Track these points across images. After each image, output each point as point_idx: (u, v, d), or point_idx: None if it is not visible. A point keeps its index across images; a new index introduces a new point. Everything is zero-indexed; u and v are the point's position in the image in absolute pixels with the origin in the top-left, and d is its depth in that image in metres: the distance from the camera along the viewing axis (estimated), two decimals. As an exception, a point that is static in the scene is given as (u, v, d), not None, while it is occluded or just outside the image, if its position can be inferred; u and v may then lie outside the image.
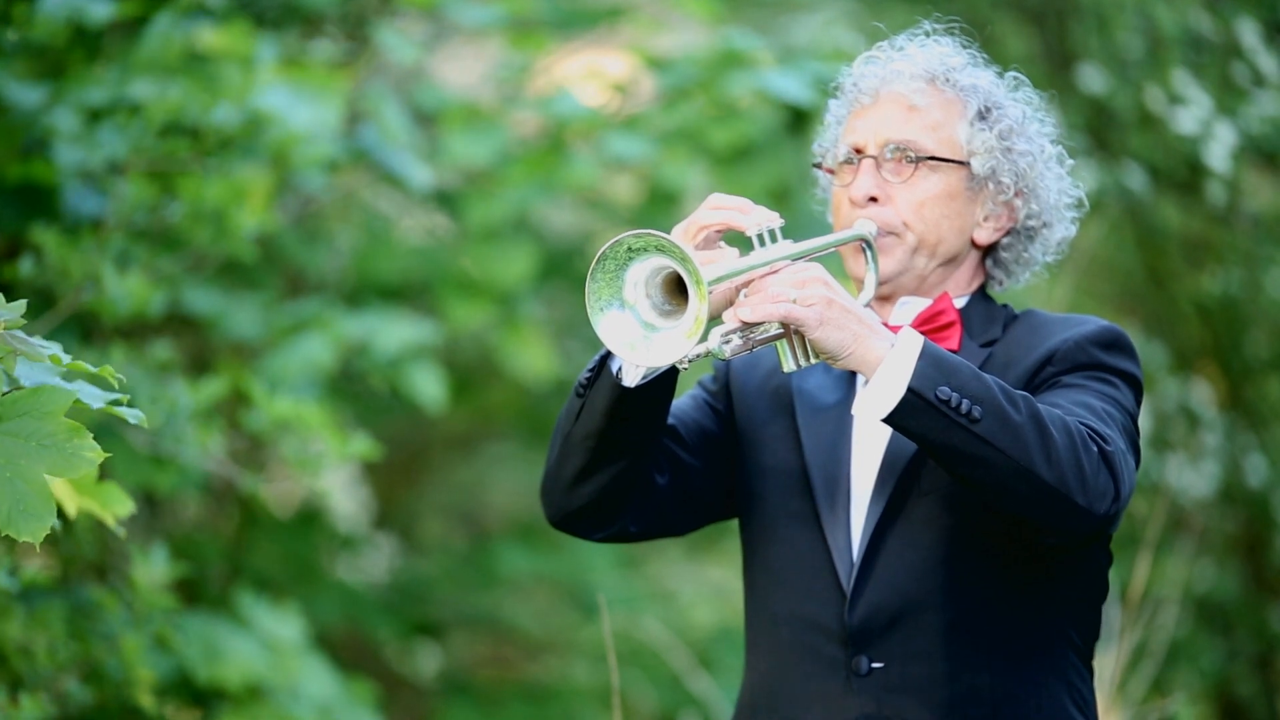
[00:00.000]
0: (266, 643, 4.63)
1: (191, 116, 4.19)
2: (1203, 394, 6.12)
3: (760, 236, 2.60)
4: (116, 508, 2.97)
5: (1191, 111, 5.29)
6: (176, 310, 4.84)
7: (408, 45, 5.03)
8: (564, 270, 5.95)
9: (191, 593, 5.15)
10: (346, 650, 6.34)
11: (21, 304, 2.41)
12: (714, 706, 5.18)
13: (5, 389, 2.38)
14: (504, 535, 6.58)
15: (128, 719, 4.35)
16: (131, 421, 2.41)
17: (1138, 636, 4.85)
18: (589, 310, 2.49)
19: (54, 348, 2.42)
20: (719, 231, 2.65)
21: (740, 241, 2.65)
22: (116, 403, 2.46)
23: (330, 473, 4.60)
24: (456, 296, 5.24)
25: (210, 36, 4.34)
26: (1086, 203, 2.92)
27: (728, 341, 2.54)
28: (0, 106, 4.27)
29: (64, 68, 4.48)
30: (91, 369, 2.41)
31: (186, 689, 4.64)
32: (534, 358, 5.36)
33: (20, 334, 2.39)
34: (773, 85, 5.01)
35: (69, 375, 2.46)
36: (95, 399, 2.45)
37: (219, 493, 5.47)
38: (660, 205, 5.37)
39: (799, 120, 5.30)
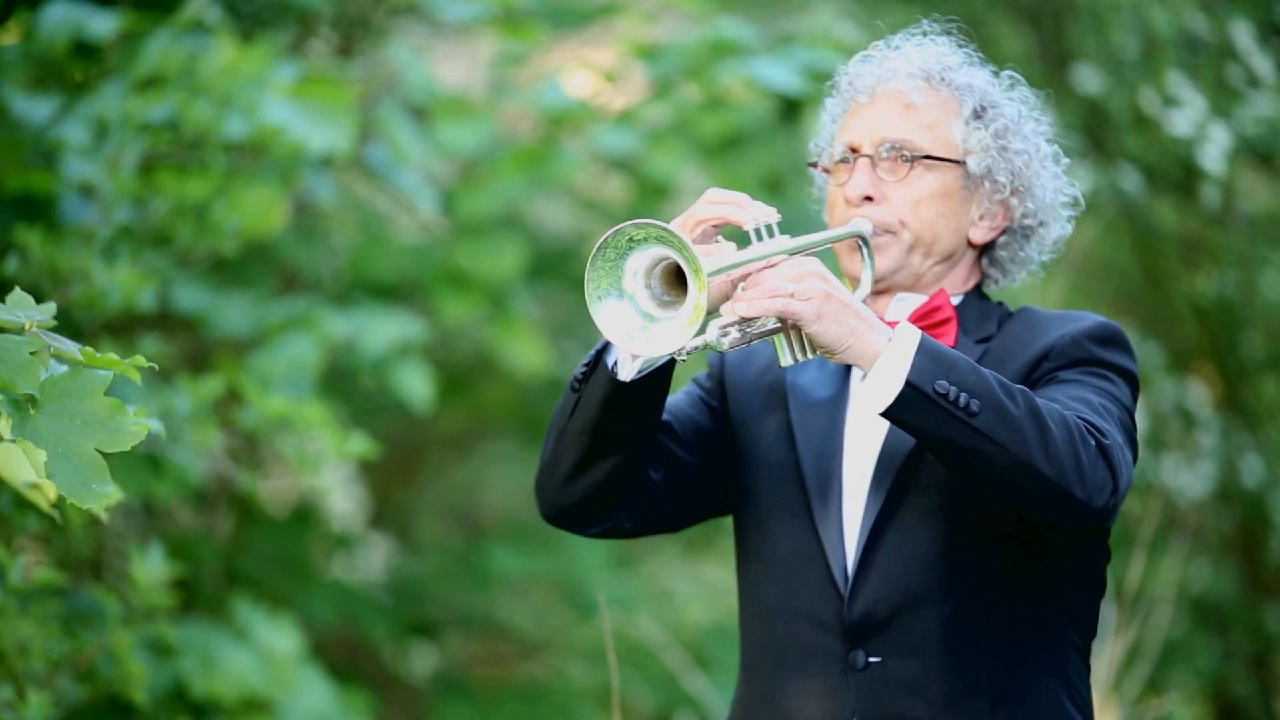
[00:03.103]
0: (262, 654, 4.62)
1: (196, 120, 4.19)
2: (1199, 394, 6.13)
3: (758, 231, 2.59)
4: None
5: (1185, 113, 5.29)
6: (168, 308, 4.84)
7: (420, 63, 5.03)
8: (559, 270, 5.95)
9: (188, 594, 5.15)
10: (342, 650, 6.34)
11: (52, 305, 2.48)
12: (709, 705, 5.18)
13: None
14: (499, 535, 6.57)
15: (120, 717, 4.36)
16: (152, 430, 2.48)
17: (1133, 636, 4.85)
18: (588, 299, 2.49)
19: (76, 348, 2.50)
20: (716, 226, 2.64)
21: (737, 237, 2.65)
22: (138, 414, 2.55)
23: (327, 471, 4.60)
24: (448, 291, 5.23)
25: (226, 53, 4.33)
26: (1082, 201, 2.92)
27: (725, 334, 2.53)
28: (4, 119, 4.27)
29: (66, 80, 4.48)
30: (124, 361, 2.48)
31: (182, 701, 4.62)
32: (527, 352, 5.35)
33: (53, 333, 2.47)
34: (762, 74, 4.99)
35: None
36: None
37: (214, 493, 5.47)
38: (651, 199, 5.38)
39: (790, 110, 5.30)
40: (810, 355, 2.59)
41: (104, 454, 2.46)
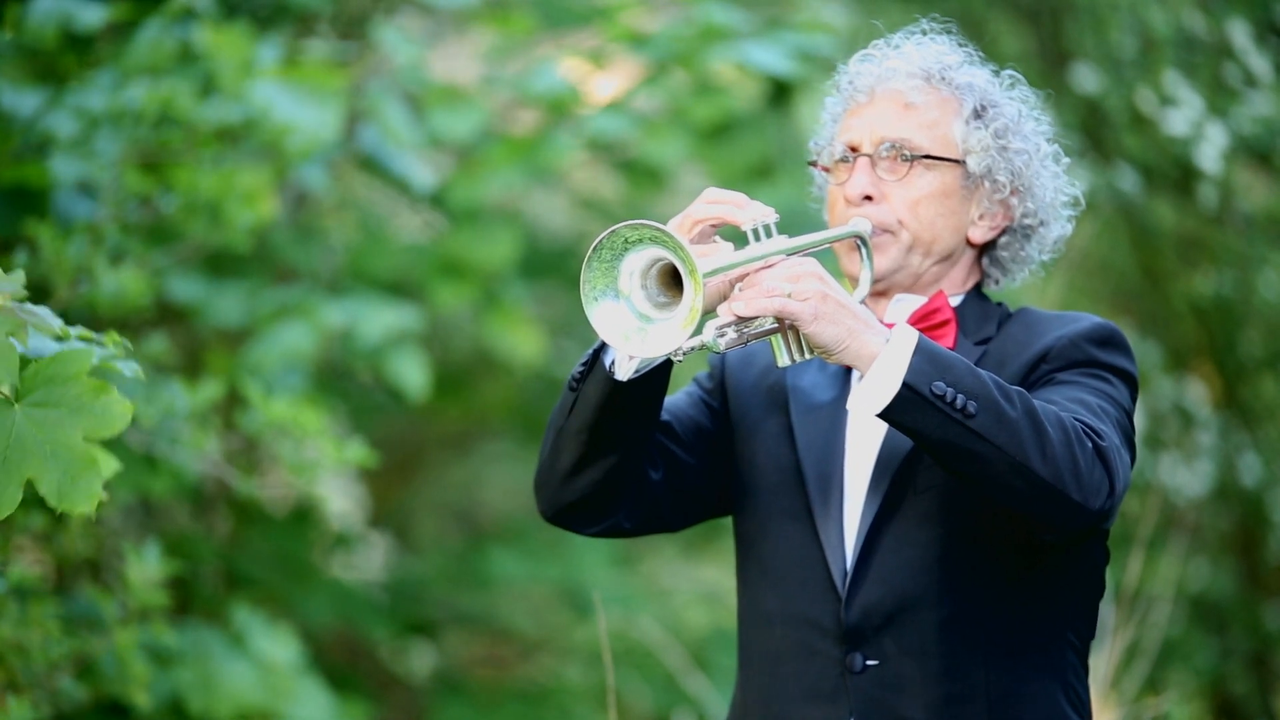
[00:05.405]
0: (261, 664, 4.59)
1: (185, 109, 4.17)
2: (1197, 393, 6.13)
3: (755, 231, 2.58)
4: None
5: (1183, 112, 5.30)
6: (162, 299, 4.82)
7: (408, 44, 5.02)
8: (557, 269, 5.95)
9: (185, 594, 5.14)
10: (340, 650, 6.34)
11: (20, 274, 2.35)
12: (709, 706, 5.18)
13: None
14: (498, 536, 6.57)
15: (121, 717, 4.35)
16: (127, 375, 2.35)
17: (1131, 634, 4.85)
18: (584, 299, 2.48)
19: (57, 321, 2.37)
20: (714, 226, 2.64)
21: (735, 237, 2.64)
22: (112, 358, 2.41)
23: (324, 476, 4.58)
24: (441, 279, 5.22)
25: (208, 36, 4.32)
26: (1083, 201, 2.93)
27: (722, 335, 2.53)
28: (-3, 110, 4.27)
29: (57, 71, 4.47)
30: (96, 336, 2.37)
31: (180, 717, 4.61)
32: (521, 340, 5.34)
33: (28, 305, 2.33)
34: (753, 57, 4.97)
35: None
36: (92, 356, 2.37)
37: (212, 492, 5.46)
38: (645, 186, 5.36)
39: (781, 94, 5.29)
40: (807, 356, 2.59)
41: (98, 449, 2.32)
